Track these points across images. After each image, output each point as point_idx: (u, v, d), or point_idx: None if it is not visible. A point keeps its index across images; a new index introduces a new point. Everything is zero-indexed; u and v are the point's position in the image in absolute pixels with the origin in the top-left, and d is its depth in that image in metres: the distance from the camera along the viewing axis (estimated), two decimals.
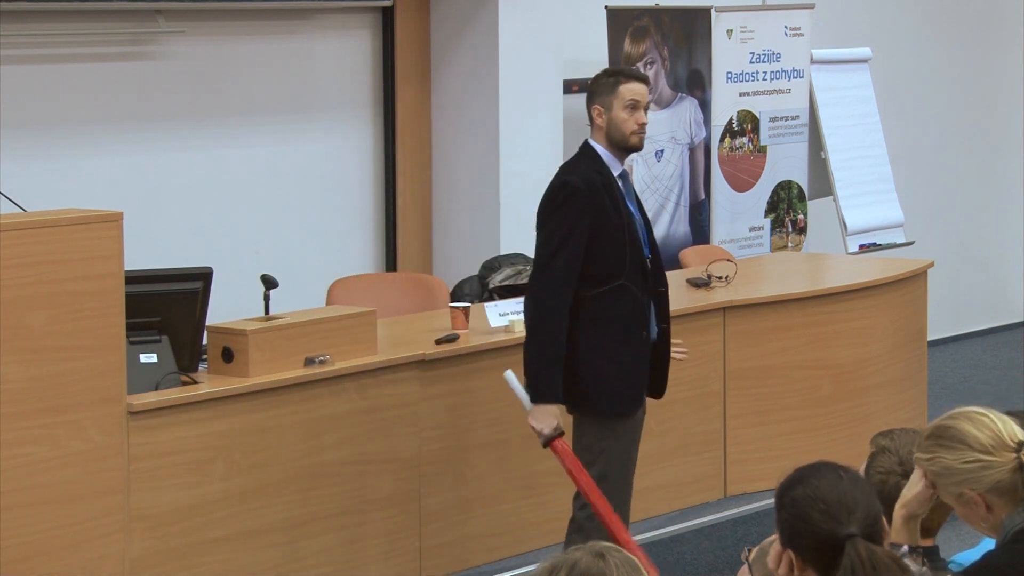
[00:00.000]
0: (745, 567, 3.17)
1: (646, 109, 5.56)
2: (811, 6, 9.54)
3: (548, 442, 5.43)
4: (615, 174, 5.53)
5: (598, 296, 5.44)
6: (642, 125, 5.51)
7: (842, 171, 9.57)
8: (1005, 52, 11.39)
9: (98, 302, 5.05)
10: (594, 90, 5.57)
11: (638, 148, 5.58)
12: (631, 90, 5.50)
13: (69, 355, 4.99)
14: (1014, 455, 3.23)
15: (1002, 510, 3.25)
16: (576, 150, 5.64)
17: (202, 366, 5.60)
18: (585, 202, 5.42)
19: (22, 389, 4.92)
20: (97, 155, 7.48)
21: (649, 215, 8.99)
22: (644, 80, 5.62)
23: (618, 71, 5.71)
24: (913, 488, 3.39)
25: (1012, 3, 11.40)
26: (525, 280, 7.55)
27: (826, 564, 2.92)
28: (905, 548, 3.37)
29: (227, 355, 5.55)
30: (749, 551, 3.19)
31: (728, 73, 9.18)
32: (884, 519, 3.00)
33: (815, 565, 2.94)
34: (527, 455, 6.30)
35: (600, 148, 5.54)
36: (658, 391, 5.71)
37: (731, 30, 9.18)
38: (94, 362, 5.05)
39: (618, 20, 8.65)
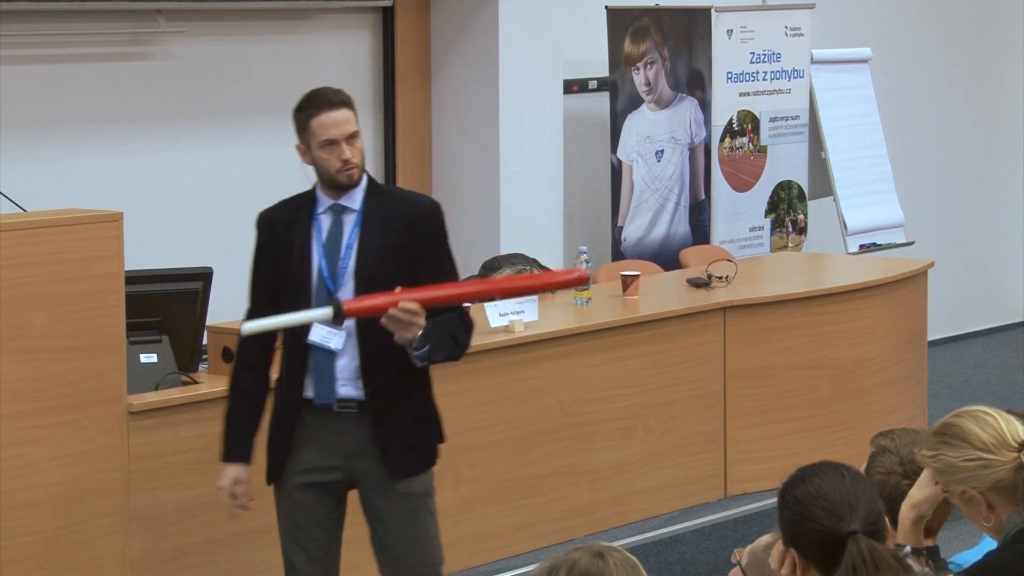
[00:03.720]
0: (737, 569, 3.18)
1: (352, 138, 4.67)
2: (811, 6, 9.54)
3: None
4: (320, 209, 4.72)
5: (280, 346, 4.78)
6: (346, 161, 4.64)
7: (842, 171, 9.57)
8: (1005, 52, 11.39)
9: (98, 302, 5.05)
10: (295, 126, 4.75)
11: (351, 184, 4.68)
12: (323, 125, 4.64)
13: (69, 355, 4.99)
14: (1015, 455, 3.23)
15: (1004, 509, 3.25)
16: (577, 150, 5.62)
17: (202, 366, 5.60)
18: (260, 237, 4.78)
19: (22, 389, 4.92)
20: (97, 155, 7.48)
21: (649, 215, 9.12)
22: (341, 104, 4.68)
23: (308, 102, 4.72)
24: (924, 489, 3.39)
25: (1012, 3, 11.39)
26: None
27: (828, 562, 2.92)
28: (908, 549, 3.37)
29: (227, 355, 5.54)
30: (740, 553, 3.20)
31: (728, 73, 9.18)
32: (886, 518, 3.01)
33: (818, 564, 2.95)
34: (527, 455, 6.30)
35: (318, 182, 4.77)
36: (388, 464, 4.72)
37: (731, 30, 9.18)
38: (94, 362, 5.05)
39: (618, 20, 8.65)
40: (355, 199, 4.71)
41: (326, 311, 4.47)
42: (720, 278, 7.25)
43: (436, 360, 4.68)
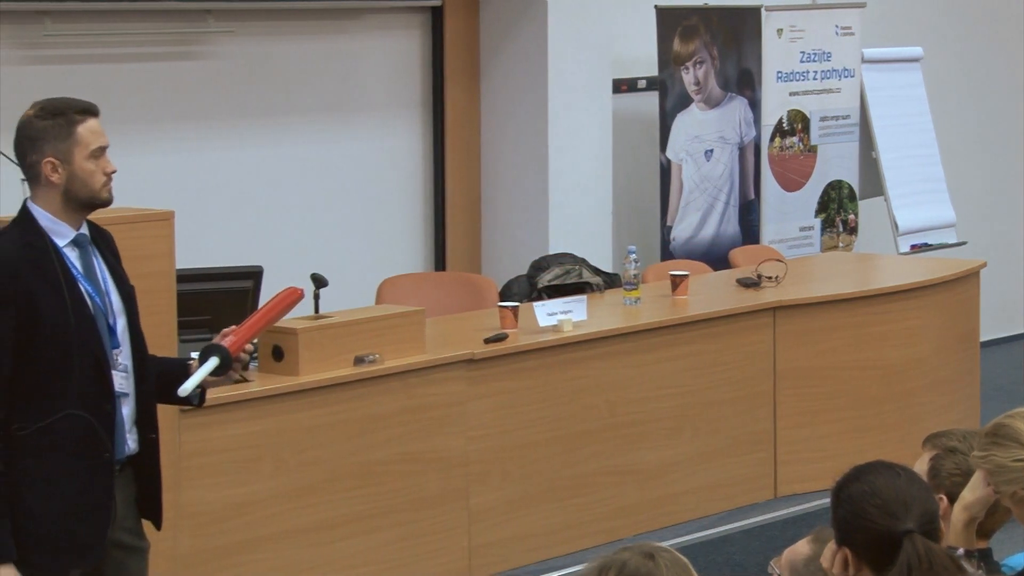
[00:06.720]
0: None
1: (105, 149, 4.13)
2: (862, 5, 9.49)
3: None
4: (63, 244, 4.07)
5: (39, 432, 3.98)
6: (110, 175, 4.12)
7: (893, 171, 9.52)
8: None
9: (150, 300, 5.04)
10: (36, 136, 4.05)
11: (109, 202, 4.15)
12: (93, 132, 4.08)
13: None
14: None
15: None
16: (625, 149, 5.54)
17: (253, 365, 5.62)
18: (5, 289, 3.97)
19: None
20: (147, 154, 7.51)
21: (698, 215, 9.10)
22: (96, 111, 4.14)
23: (65, 107, 4.09)
24: (976, 491, 3.37)
25: None
26: (574, 280, 7.56)
27: (882, 562, 2.90)
28: (961, 551, 3.34)
29: (277, 354, 5.56)
30: (777, 564, 3.18)
31: (778, 72, 9.15)
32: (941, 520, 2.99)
33: (871, 563, 2.93)
34: (575, 455, 6.29)
35: (43, 212, 4.06)
36: (155, 518, 4.23)
37: (781, 29, 9.15)
38: None
39: (667, 19, 8.63)
40: (84, 227, 4.14)
41: (214, 362, 4.02)
42: (770, 278, 7.22)
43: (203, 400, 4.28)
